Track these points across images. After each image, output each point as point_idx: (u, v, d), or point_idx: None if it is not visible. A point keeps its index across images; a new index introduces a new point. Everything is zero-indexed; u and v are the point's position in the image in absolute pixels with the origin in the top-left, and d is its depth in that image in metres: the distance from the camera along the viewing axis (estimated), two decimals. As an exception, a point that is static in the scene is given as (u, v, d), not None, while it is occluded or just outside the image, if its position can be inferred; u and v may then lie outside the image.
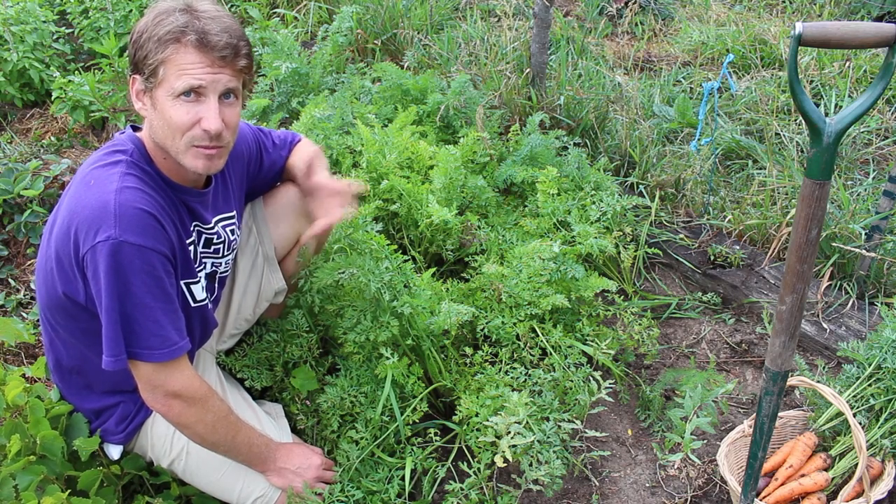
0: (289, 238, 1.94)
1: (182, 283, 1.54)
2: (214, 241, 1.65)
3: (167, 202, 1.49)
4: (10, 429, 1.55)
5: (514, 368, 1.93)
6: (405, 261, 1.93)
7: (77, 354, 1.58)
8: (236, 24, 1.46)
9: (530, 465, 1.67)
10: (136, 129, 1.55)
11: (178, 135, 1.44)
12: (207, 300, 1.65)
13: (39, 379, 1.90)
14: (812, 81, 3.46)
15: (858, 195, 2.77)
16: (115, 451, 1.67)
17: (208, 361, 1.84)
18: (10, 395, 1.60)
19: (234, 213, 1.72)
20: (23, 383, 1.64)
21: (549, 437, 1.72)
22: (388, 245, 1.90)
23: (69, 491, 1.55)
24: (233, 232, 1.72)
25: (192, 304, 1.58)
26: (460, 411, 1.81)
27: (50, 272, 1.48)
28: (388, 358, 1.80)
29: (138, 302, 1.39)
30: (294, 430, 1.87)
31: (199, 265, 1.62)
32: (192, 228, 1.57)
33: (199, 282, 1.60)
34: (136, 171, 1.45)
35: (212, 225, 1.63)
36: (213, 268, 1.69)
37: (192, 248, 1.57)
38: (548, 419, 1.79)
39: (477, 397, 1.82)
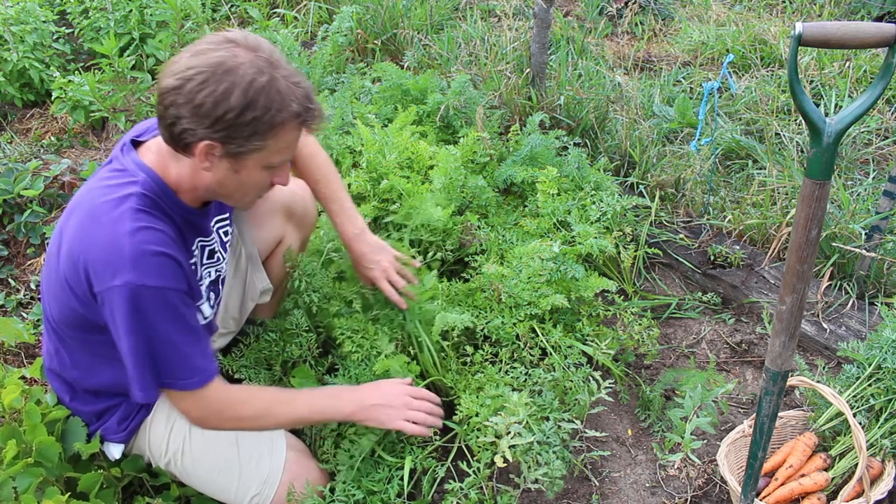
0: (271, 240, 1.95)
1: None
2: (216, 248, 1.67)
3: (175, 230, 1.47)
4: (7, 434, 1.54)
5: (514, 368, 1.93)
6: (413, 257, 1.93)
7: (85, 364, 1.58)
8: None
9: (529, 466, 1.67)
10: (133, 143, 1.52)
11: (252, 193, 1.50)
12: (212, 315, 1.66)
13: (37, 380, 1.89)
14: (812, 81, 3.45)
15: (858, 195, 2.76)
16: (115, 451, 1.67)
17: None
18: (7, 400, 1.59)
19: (228, 214, 1.73)
20: (21, 386, 1.63)
21: (548, 438, 1.72)
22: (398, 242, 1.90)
23: (69, 494, 1.55)
24: (227, 233, 1.73)
25: (201, 322, 1.59)
26: (460, 411, 1.81)
27: (62, 291, 1.45)
28: (386, 355, 1.81)
29: (165, 340, 1.40)
30: (293, 429, 1.86)
31: (202, 279, 1.63)
32: (194, 247, 1.58)
33: (204, 301, 1.61)
34: (146, 206, 1.41)
35: (212, 235, 1.64)
36: (217, 273, 1.70)
37: (195, 266, 1.58)
38: (548, 419, 1.78)
39: (477, 397, 1.82)
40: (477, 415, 1.77)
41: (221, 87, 1.28)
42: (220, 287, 1.74)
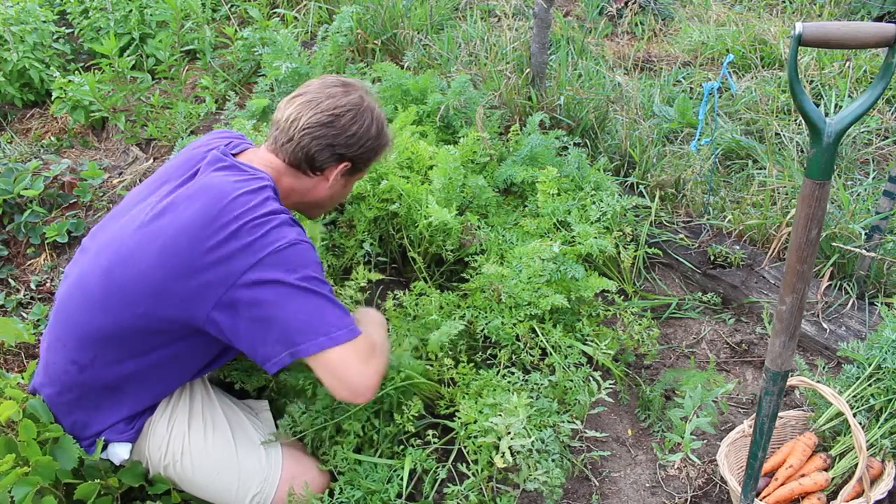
0: None
1: None
2: None
3: None
4: (4, 445, 1.52)
5: (512, 373, 1.92)
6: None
7: (120, 371, 1.57)
8: None
9: (530, 473, 1.67)
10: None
11: (339, 203, 1.86)
12: None
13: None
14: (812, 81, 3.46)
15: (858, 195, 2.76)
16: (123, 451, 1.65)
17: None
18: (6, 414, 1.56)
19: None
20: (20, 397, 1.61)
21: (547, 446, 1.71)
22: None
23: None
24: None
25: None
26: (459, 416, 1.81)
27: (155, 293, 1.47)
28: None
29: (328, 286, 1.53)
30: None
31: None
32: None
33: None
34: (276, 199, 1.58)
35: None
36: None
37: None
38: (547, 424, 1.78)
39: (475, 402, 1.81)
40: (475, 421, 1.77)
41: (367, 121, 1.65)
42: None
